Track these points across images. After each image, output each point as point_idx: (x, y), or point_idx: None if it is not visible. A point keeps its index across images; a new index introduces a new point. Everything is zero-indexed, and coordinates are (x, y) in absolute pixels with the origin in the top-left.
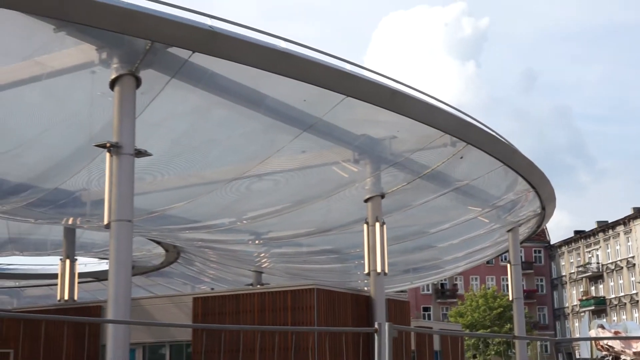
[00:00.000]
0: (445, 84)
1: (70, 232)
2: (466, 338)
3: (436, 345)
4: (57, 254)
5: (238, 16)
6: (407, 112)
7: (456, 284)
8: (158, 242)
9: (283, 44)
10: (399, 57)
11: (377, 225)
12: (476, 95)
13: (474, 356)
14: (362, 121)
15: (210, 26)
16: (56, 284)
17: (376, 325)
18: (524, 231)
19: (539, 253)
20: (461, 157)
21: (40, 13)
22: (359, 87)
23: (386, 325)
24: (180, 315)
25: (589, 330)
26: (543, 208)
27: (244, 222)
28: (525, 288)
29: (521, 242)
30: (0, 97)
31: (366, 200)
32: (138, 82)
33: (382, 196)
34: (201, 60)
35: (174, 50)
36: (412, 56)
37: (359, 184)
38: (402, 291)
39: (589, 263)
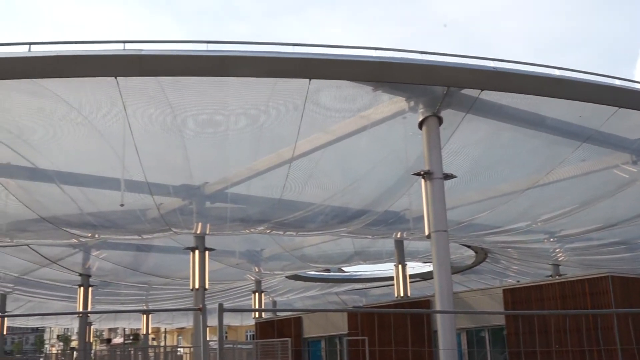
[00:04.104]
0: None
1: (399, 243)
2: None
3: None
4: (391, 261)
5: (515, 54)
6: None
7: None
8: (468, 246)
9: (557, 72)
10: None
11: None
12: None
13: None
14: (636, 127)
15: (494, 67)
16: (392, 284)
17: None
18: None
19: None
20: None
21: (362, 80)
22: (630, 98)
23: None
24: (494, 304)
25: None
26: None
27: (538, 224)
28: None
29: None
30: (340, 146)
31: None
32: (440, 120)
33: None
34: (489, 95)
35: (466, 91)
36: None
37: None
38: None
39: None
